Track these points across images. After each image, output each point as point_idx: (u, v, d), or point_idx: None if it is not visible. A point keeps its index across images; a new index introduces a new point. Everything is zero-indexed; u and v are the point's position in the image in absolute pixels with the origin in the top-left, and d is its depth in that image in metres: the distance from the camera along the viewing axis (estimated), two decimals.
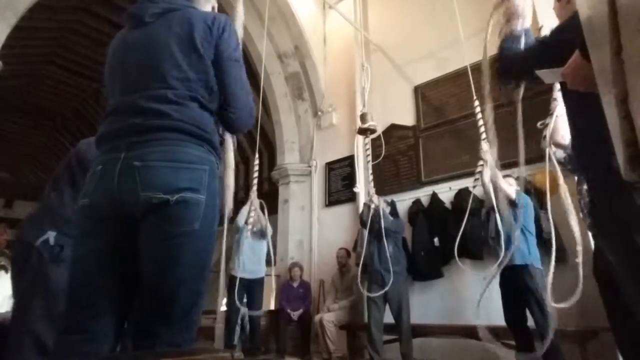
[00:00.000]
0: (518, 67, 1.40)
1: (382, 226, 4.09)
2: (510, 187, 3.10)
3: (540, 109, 2.66)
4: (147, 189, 1.06)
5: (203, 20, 1.23)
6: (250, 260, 4.63)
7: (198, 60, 1.19)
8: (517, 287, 2.95)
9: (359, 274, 4.24)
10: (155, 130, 1.11)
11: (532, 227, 3.12)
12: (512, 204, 3.07)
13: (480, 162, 3.26)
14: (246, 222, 4.70)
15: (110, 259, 1.10)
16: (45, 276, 1.70)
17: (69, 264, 1.17)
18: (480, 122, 3.40)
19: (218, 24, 1.24)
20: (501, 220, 3.15)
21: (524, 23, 1.48)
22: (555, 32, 1.34)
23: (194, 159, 1.13)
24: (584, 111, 1.18)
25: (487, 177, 3.23)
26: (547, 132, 2.36)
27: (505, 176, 3.21)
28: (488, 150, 3.22)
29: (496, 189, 3.14)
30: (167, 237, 1.07)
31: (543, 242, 3.67)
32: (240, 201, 5.38)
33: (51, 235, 1.76)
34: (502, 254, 3.11)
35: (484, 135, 3.30)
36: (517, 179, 3.70)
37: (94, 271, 1.09)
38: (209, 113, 1.22)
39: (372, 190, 4.48)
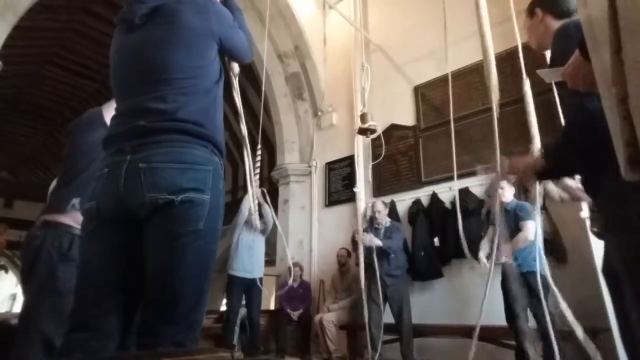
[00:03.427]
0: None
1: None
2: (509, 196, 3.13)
3: (540, 109, 2.67)
4: (153, 190, 1.08)
5: (188, 10, 1.25)
6: (249, 260, 4.58)
7: (192, 54, 1.21)
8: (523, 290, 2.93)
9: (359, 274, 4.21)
10: (160, 132, 1.13)
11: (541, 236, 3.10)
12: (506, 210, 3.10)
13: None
14: (246, 222, 4.64)
15: (116, 260, 1.12)
16: (54, 276, 1.70)
17: (77, 264, 1.18)
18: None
19: (202, 8, 1.27)
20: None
21: None
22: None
23: (198, 160, 1.14)
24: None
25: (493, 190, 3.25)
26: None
27: None
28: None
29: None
30: (172, 237, 1.08)
31: (543, 242, 3.67)
32: (239, 199, 5.37)
33: (76, 201, 1.79)
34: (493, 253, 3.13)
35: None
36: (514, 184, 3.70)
37: (100, 271, 1.11)
38: (212, 108, 1.23)
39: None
